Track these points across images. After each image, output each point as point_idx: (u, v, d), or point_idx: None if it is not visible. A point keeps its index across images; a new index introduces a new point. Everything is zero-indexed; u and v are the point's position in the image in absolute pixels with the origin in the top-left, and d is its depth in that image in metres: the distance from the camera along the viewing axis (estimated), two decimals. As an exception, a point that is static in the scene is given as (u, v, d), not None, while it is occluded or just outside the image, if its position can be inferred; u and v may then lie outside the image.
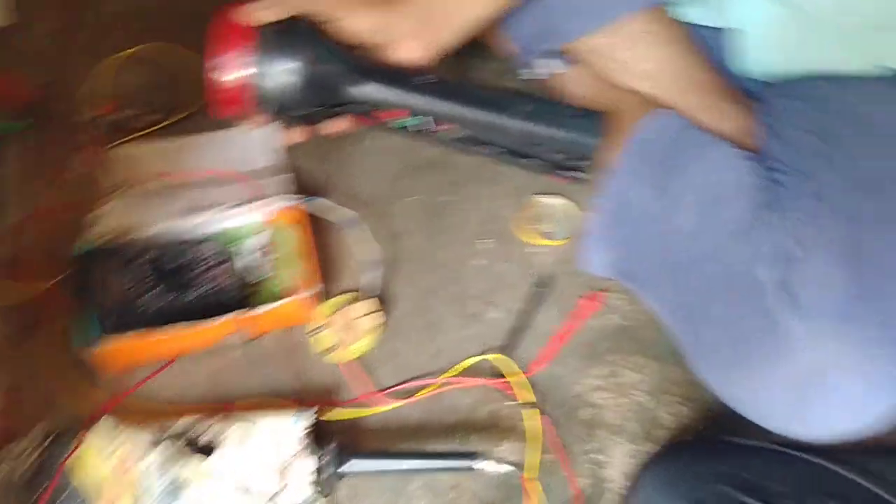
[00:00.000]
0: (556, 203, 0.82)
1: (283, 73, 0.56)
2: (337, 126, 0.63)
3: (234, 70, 0.56)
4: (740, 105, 0.70)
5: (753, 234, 0.55)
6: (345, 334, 0.69)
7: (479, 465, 0.60)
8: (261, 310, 0.68)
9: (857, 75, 0.63)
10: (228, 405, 0.66)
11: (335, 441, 0.61)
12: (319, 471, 0.60)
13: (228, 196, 0.75)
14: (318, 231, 0.77)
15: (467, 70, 0.91)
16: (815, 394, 0.51)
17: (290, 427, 0.61)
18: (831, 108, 0.61)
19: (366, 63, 0.61)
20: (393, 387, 0.70)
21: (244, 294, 0.71)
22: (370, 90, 0.60)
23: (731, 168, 0.60)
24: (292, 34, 0.57)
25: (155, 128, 0.85)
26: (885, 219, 0.52)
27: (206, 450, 0.59)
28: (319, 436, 0.61)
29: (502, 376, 0.70)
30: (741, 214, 0.56)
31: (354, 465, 0.61)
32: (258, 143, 0.80)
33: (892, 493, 0.52)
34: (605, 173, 0.66)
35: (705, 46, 0.72)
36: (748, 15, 0.67)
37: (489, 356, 0.71)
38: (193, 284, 0.71)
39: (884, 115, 0.60)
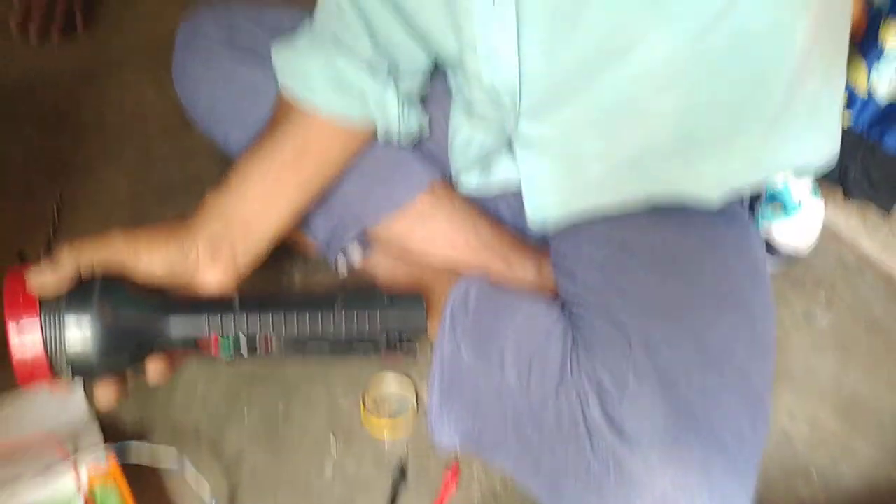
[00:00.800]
0: (394, 383, 0.81)
1: (72, 335, 0.53)
2: (154, 373, 0.59)
3: (21, 340, 0.52)
4: (534, 255, 0.75)
5: (571, 377, 0.56)
6: (192, 590, 0.61)
7: None
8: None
9: (629, 212, 0.68)
10: None
11: None
12: None
13: (31, 465, 0.66)
14: (144, 478, 0.69)
15: (278, 276, 0.91)
16: None
17: None
18: (612, 245, 0.66)
19: (169, 300, 0.59)
20: None
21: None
22: (177, 326, 0.58)
23: (536, 320, 0.62)
24: (79, 292, 0.54)
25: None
26: (674, 341, 0.55)
27: None
28: None
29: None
30: (557, 360, 0.58)
31: None
32: (58, 399, 0.73)
33: None
34: (432, 346, 0.67)
35: (491, 209, 0.78)
36: (515, 171, 0.72)
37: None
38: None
39: (656, 244, 0.65)
